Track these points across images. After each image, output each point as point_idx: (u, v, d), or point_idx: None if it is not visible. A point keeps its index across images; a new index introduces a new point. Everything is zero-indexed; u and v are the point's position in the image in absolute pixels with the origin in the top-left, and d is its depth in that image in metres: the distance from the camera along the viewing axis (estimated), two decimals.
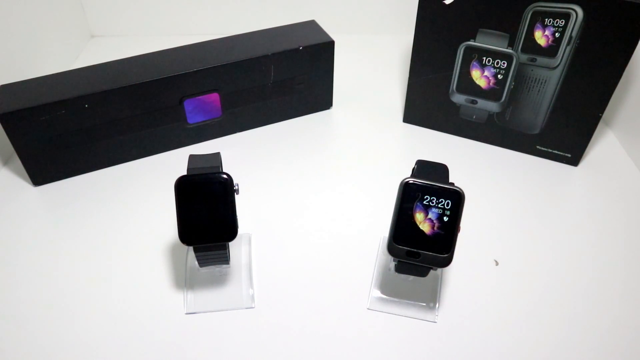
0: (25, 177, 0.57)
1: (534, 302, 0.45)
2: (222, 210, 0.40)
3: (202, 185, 0.39)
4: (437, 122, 0.64)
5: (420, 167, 0.41)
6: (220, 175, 0.39)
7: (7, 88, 0.54)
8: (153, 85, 0.55)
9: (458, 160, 0.59)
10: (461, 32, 0.56)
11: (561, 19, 0.51)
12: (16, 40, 0.65)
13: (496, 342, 0.42)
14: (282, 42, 0.60)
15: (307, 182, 0.57)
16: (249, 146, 0.63)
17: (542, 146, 0.60)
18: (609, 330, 0.43)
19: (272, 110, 0.64)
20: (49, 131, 0.53)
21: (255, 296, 0.45)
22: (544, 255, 0.50)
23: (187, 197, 0.39)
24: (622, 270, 0.48)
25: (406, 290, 0.45)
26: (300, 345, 0.42)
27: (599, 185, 0.58)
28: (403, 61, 0.78)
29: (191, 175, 0.39)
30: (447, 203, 0.39)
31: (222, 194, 0.39)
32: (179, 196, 0.39)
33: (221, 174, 0.40)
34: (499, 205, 0.55)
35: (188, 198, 0.39)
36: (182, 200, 0.39)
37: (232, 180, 0.40)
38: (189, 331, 0.43)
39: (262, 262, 0.48)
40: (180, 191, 0.39)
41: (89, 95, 0.53)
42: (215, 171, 0.40)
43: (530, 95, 0.57)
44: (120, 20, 0.84)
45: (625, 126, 0.63)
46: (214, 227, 0.40)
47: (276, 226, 0.52)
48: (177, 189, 0.39)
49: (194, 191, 0.39)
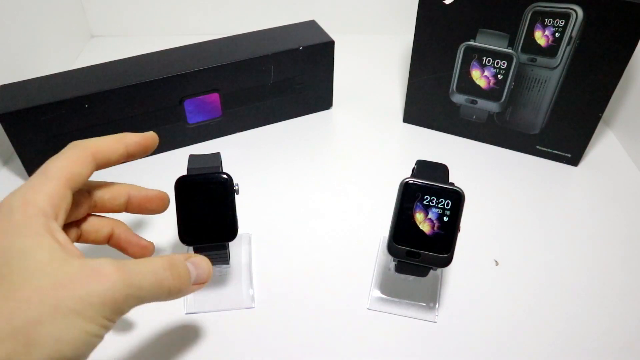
0: (25, 177, 0.57)
1: (533, 302, 0.45)
2: (222, 210, 0.40)
3: (202, 185, 0.39)
4: (437, 122, 0.64)
5: (420, 167, 0.41)
6: (220, 175, 0.39)
7: (7, 88, 0.54)
8: (153, 85, 0.55)
9: (458, 160, 0.59)
10: (461, 32, 0.56)
11: (561, 19, 0.51)
12: (16, 40, 0.65)
13: (496, 342, 0.42)
14: (282, 42, 0.60)
15: (307, 182, 0.57)
16: (249, 146, 0.63)
17: (542, 146, 0.60)
18: (609, 330, 0.43)
19: (272, 110, 0.64)
20: (49, 131, 0.53)
21: (255, 296, 0.45)
22: (543, 255, 0.50)
23: (187, 197, 0.39)
24: (621, 270, 0.48)
25: (406, 290, 0.45)
26: (301, 345, 0.42)
27: (599, 185, 0.58)
28: (403, 61, 0.78)
29: (191, 176, 0.39)
30: (447, 203, 0.39)
31: (222, 194, 0.39)
32: (179, 196, 0.39)
33: (221, 173, 0.39)
34: (498, 205, 0.55)
35: (188, 198, 0.39)
36: (182, 201, 0.39)
37: (232, 180, 0.39)
38: (189, 331, 0.43)
39: (262, 262, 0.48)
40: (180, 191, 0.39)
41: (89, 95, 0.53)
42: (215, 171, 0.40)
43: (530, 95, 0.57)
44: (120, 20, 0.84)
45: (625, 126, 0.63)
46: (214, 227, 0.40)
47: (276, 226, 0.52)
48: (177, 189, 0.39)
49: (193, 191, 0.39)
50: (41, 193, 0.30)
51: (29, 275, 0.26)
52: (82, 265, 0.27)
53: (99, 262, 0.28)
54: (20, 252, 0.27)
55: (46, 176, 0.31)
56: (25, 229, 0.28)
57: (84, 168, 0.32)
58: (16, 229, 0.28)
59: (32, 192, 0.30)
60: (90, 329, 0.27)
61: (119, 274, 0.28)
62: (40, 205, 0.29)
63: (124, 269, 0.28)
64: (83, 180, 0.32)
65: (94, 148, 0.33)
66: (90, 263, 0.28)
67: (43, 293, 0.26)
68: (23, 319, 0.25)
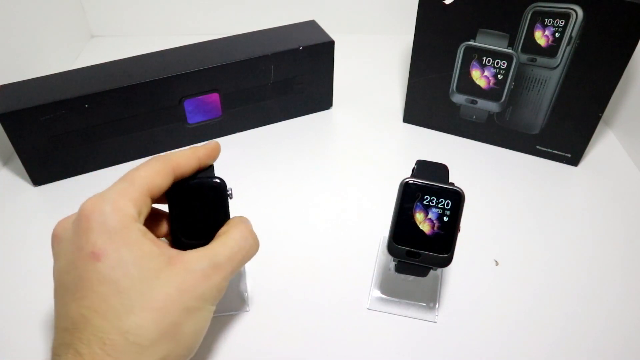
0: (25, 177, 0.57)
1: (533, 302, 0.45)
2: (216, 215, 0.38)
3: (195, 191, 0.38)
4: (437, 122, 0.64)
5: (420, 167, 0.41)
6: (213, 180, 0.38)
7: (7, 88, 0.54)
8: (153, 85, 0.55)
9: (458, 160, 0.59)
10: (461, 32, 0.56)
11: (561, 19, 0.51)
12: (16, 40, 0.65)
13: (496, 342, 0.42)
14: (282, 42, 0.60)
15: (307, 182, 0.57)
16: (249, 146, 0.62)
17: (542, 146, 0.60)
18: (609, 330, 0.43)
19: (272, 110, 0.64)
20: (49, 131, 0.53)
21: (252, 299, 0.45)
22: (543, 255, 0.50)
23: (180, 203, 0.38)
24: (621, 270, 0.48)
25: (406, 290, 0.45)
26: (300, 346, 0.42)
27: (599, 185, 0.58)
28: (403, 61, 0.78)
29: (184, 180, 0.38)
30: (447, 203, 0.39)
31: (215, 199, 0.38)
32: (172, 201, 0.38)
33: (214, 178, 0.38)
34: (498, 205, 0.55)
35: (180, 204, 0.38)
36: (174, 206, 0.38)
37: (226, 185, 0.38)
38: None
39: (262, 264, 0.48)
40: (173, 196, 0.38)
41: (89, 95, 0.53)
42: (208, 175, 0.38)
43: (530, 95, 0.57)
44: (120, 20, 0.84)
45: (625, 126, 0.63)
46: (208, 233, 0.38)
47: (276, 226, 0.52)
48: (169, 195, 0.38)
49: (186, 197, 0.38)
50: (127, 199, 0.32)
51: (151, 284, 0.31)
52: (187, 270, 0.32)
53: (198, 265, 0.33)
54: (132, 263, 0.31)
55: (131, 183, 0.34)
56: (126, 237, 0.31)
57: (164, 180, 0.35)
58: (118, 238, 0.31)
59: (120, 197, 0.32)
60: (209, 316, 0.34)
61: (215, 271, 0.33)
62: (130, 212, 0.32)
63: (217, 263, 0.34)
64: (162, 191, 0.36)
65: (174, 162, 0.36)
66: (192, 267, 0.33)
67: (172, 299, 0.31)
68: (167, 324, 0.31)
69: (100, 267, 0.30)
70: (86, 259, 0.30)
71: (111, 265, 0.30)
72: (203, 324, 0.34)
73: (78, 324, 0.30)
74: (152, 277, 0.31)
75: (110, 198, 0.32)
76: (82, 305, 0.30)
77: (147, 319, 0.30)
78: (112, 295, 0.30)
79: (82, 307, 0.30)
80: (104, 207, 0.31)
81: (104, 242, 0.30)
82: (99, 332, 0.29)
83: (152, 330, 0.30)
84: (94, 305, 0.30)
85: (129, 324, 0.29)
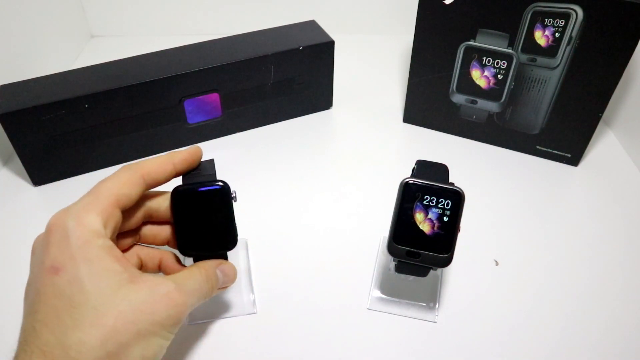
0: (25, 177, 0.57)
1: (533, 302, 0.45)
2: (221, 219, 0.38)
3: (199, 195, 0.38)
4: (437, 122, 0.64)
5: (420, 167, 0.41)
6: (217, 184, 0.38)
7: (7, 88, 0.54)
8: (153, 85, 0.55)
9: (458, 160, 0.59)
10: (461, 32, 0.56)
11: (561, 19, 0.51)
12: (16, 40, 0.65)
13: (496, 342, 0.42)
14: (282, 42, 0.60)
15: (307, 182, 0.57)
16: (249, 146, 0.62)
17: (542, 146, 0.60)
18: (609, 330, 0.43)
19: (272, 110, 0.64)
20: (49, 131, 0.53)
21: (257, 301, 0.45)
22: (543, 255, 0.50)
23: (184, 208, 0.38)
24: (621, 270, 0.48)
25: (406, 290, 0.45)
26: (303, 347, 0.42)
27: (599, 185, 0.58)
28: (403, 61, 0.78)
29: (187, 185, 0.38)
30: (447, 203, 0.39)
31: (219, 203, 0.38)
32: (176, 207, 0.38)
33: (218, 181, 0.38)
34: (499, 205, 0.55)
35: (185, 209, 0.38)
36: (178, 212, 0.38)
37: (230, 189, 0.38)
38: (194, 341, 0.42)
39: (262, 265, 0.48)
40: (176, 202, 0.38)
41: (89, 95, 0.53)
42: (211, 179, 0.38)
43: (530, 95, 0.57)
44: (120, 20, 0.84)
45: (625, 126, 0.63)
46: (213, 237, 0.38)
47: (276, 226, 0.52)
48: (173, 201, 0.38)
49: (190, 202, 0.38)
50: (92, 213, 0.32)
51: (105, 301, 0.30)
52: (150, 290, 0.31)
53: (163, 287, 0.32)
54: (89, 278, 0.30)
55: (96, 196, 0.33)
56: (86, 252, 0.30)
57: (133, 189, 0.35)
58: (78, 253, 0.30)
59: (84, 212, 0.32)
60: (164, 343, 0.32)
61: (180, 296, 0.32)
62: (94, 227, 0.31)
63: (182, 290, 0.33)
64: (132, 200, 0.35)
65: (144, 170, 0.35)
66: (156, 288, 0.32)
67: (126, 319, 0.30)
68: (115, 344, 0.29)
69: (57, 281, 0.30)
70: (45, 273, 0.30)
71: (68, 279, 0.30)
72: (155, 351, 0.31)
73: (28, 336, 0.29)
74: (109, 294, 0.30)
75: (75, 212, 0.32)
76: (36, 318, 0.30)
77: (93, 336, 0.29)
78: (65, 309, 0.29)
79: (35, 320, 0.30)
80: (67, 222, 0.31)
81: (64, 257, 0.30)
82: (43, 346, 0.28)
83: (96, 348, 0.28)
84: (45, 319, 0.29)
85: (72, 340, 0.28)
